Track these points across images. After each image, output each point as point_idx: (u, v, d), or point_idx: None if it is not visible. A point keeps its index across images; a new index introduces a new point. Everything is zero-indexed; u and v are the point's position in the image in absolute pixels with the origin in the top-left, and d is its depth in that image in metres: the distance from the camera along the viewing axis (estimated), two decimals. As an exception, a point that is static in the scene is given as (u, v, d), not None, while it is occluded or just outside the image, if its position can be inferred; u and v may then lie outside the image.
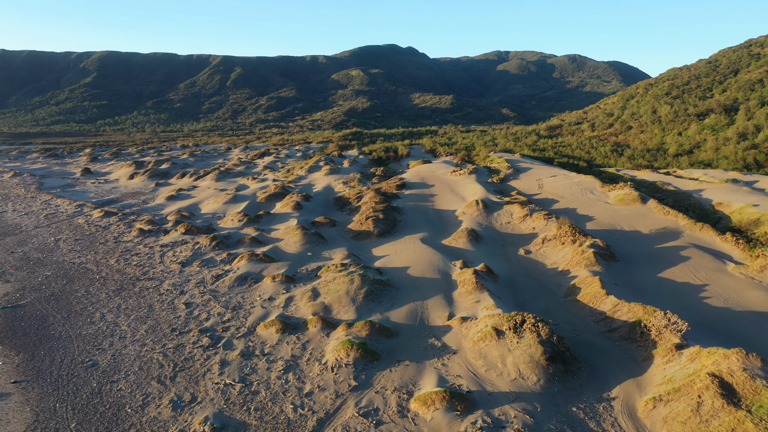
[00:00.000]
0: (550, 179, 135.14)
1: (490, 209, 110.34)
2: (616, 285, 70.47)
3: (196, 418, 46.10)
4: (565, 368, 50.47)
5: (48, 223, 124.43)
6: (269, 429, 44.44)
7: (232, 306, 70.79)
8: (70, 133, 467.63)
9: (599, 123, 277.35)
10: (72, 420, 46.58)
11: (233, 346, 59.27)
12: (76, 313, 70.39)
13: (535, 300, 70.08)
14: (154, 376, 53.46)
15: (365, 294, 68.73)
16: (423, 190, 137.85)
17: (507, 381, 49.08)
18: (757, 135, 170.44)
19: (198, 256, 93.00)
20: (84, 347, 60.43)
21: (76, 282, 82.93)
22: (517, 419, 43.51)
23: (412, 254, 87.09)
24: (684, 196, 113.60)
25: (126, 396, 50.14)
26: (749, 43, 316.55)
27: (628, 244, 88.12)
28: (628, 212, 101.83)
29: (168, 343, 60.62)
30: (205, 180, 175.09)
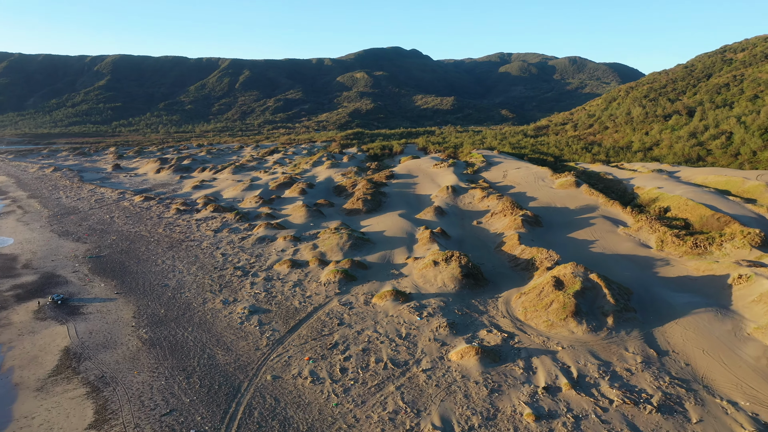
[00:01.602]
0: (514, 170, 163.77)
1: (458, 192, 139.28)
2: (532, 240, 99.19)
3: (238, 307, 75.26)
4: (476, 282, 79.30)
5: (99, 206, 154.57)
6: (283, 312, 73.57)
7: (256, 254, 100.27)
8: (88, 134, 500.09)
9: (581, 124, 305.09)
10: (160, 309, 75.98)
11: (258, 275, 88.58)
12: (143, 260, 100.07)
13: (474, 250, 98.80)
14: (208, 290, 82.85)
15: (350, 245, 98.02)
16: (408, 179, 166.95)
17: (435, 288, 78.10)
18: (704, 133, 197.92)
19: (226, 225, 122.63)
20: (156, 277, 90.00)
21: (136, 243, 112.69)
22: (435, 303, 72.54)
23: (390, 223, 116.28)
24: (616, 182, 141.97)
25: (191, 299, 79.52)
26: (724, 48, 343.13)
27: (555, 215, 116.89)
28: (564, 194, 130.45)
29: (213, 274, 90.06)
30: (223, 173, 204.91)
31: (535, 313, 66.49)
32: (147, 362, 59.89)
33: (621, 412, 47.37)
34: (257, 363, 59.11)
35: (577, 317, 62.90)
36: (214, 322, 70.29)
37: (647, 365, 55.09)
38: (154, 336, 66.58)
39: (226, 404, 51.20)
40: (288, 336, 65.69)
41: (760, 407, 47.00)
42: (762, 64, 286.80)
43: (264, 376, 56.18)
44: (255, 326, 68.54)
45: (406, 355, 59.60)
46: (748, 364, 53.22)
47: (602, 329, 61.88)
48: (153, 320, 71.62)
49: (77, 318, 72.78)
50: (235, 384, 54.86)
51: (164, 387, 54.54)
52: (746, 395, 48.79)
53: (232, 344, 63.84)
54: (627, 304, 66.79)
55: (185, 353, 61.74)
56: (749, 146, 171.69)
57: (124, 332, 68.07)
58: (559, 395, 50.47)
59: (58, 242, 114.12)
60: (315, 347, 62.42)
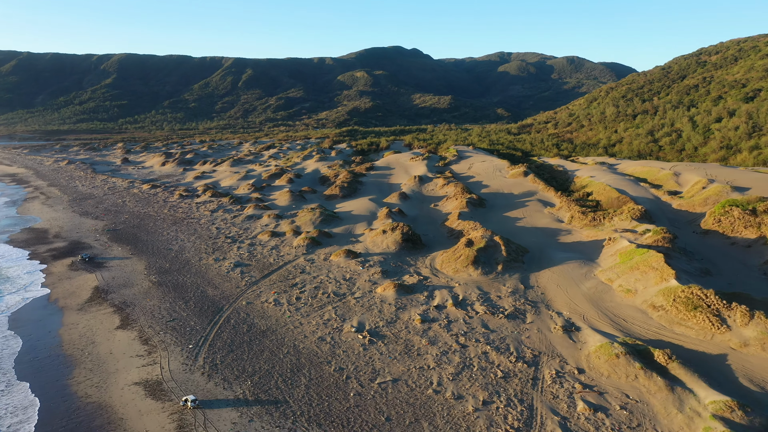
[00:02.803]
0: (479, 163, 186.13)
1: (423, 181, 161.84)
2: (471, 217, 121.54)
3: (225, 263, 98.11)
4: (413, 246, 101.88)
5: (111, 192, 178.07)
6: (260, 265, 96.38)
7: (244, 228, 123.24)
8: (95, 131, 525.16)
9: (561, 122, 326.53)
10: (166, 263, 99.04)
11: (244, 242, 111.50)
12: (152, 232, 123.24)
13: (424, 225, 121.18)
14: (203, 252, 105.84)
15: (321, 220, 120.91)
16: (385, 171, 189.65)
17: (380, 249, 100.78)
18: (660, 131, 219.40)
19: (221, 207, 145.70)
20: (162, 244, 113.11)
21: (146, 220, 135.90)
22: (377, 259, 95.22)
23: (359, 205, 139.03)
24: (563, 173, 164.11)
25: (190, 258, 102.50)
26: (700, 51, 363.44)
27: (500, 199, 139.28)
28: (513, 182, 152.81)
29: (208, 242, 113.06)
30: (222, 166, 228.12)
31: (448, 264, 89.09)
32: (156, 294, 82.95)
33: (481, 318, 69.97)
34: (236, 295, 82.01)
35: (475, 265, 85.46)
36: (206, 272, 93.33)
37: (513, 293, 77.65)
38: (161, 280, 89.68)
39: (211, 316, 74.11)
40: (261, 280, 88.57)
41: (575, 315, 69.41)
42: (731, 67, 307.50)
43: (240, 302, 79.07)
44: (237, 274, 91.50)
45: (345, 290, 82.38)
46: (582, 292, 75.64)
47: (492, 273, 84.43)
48: (160, 271, 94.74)
49: (102, 269, 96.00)
50: (219, 306, 77.76)
51: (169, 307, 77.52)
52: (570, 309, 71.25)
53: (219, 284, 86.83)
54: (518, 257, 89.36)
55: (184, 289, 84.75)
56: (692, 143, 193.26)
57: (138, 278, 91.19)
58: (444, 310, 73.08)
59: (80, 220, 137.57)
60: (280, 286, 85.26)
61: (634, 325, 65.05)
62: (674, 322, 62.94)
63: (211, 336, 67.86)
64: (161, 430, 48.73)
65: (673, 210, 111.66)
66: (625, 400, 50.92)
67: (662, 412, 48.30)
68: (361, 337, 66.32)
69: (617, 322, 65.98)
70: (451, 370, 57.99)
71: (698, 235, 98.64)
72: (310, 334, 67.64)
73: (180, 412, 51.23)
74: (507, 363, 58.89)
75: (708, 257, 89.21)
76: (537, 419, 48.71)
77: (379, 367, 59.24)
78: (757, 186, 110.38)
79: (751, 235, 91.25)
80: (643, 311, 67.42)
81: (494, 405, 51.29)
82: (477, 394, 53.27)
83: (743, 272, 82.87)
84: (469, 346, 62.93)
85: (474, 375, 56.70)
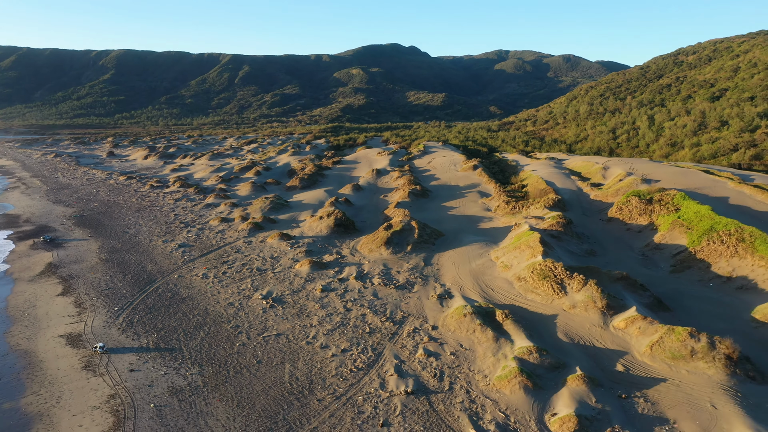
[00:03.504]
0: (440, 158, 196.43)
1: (381, 174, 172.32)
2: (409, 206, 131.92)
3: (171, 244, 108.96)
4: (345, 230, 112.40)
5: (89, 183, 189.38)
6: (201, 246, 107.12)
7: (199, 215, 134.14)
8: (91, 125, 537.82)
9: (540, 120, 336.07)
10: (118, 244, 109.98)
11: (195, 227, 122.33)
12: (115, 218, 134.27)
13: (368, 213, 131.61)
14: (155, 234, 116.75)
15: (270, 208, 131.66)
16: (351, 165, 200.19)
17: (313, 233, 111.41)
18: (621, 128, 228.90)
19: (185, 196, 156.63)
20: (120, 228, 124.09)
21: (113, 208, 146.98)
22: (307, 241, 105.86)
23: (313, 195, 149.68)
24: (514, 167, 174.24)
25: (141, 240, 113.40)
26: (678, 51, 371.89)
27: (445, 190, 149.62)
28: (462, 175, 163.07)
29: (163, 226, 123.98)
30: (201, 159, 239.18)
31: (366, 245, 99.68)
32: (101, 269, 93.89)
33: (374, 289, 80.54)
34: (172, 270, 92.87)
35: (387, 245, 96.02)
36: (152, 251, 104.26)
37: (412, 269, 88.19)
38: (109, 257, 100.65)
39: (143, 286, 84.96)
40: (198, 258, 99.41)
41: (454, 286, 79.85)
42: (704, 67, 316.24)
43: (172, 276, 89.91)
44: (179, 253, 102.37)
45: (268, 266, 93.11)
46: (470, 268, 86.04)
47: (401, 252, 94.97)
48: (111, 250, 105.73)
49: (59, 249, 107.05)
50: (153, 279, 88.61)
51: (108, 280, 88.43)
52: (453, 282, 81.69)
53: (159, 261, 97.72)
54: (430, 239, 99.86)
55: (126, 265, 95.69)
56: (645, 140, 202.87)
57: (89, 256, 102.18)
58: (345, 282, 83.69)
59: (52, 207, 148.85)
60: (213, 263, 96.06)
61: (497, 293, 75.49)
62: (528, 290, 73.33)
63: (137, 301, 78.69)
64: (70, 368, 59.53)
65: (589, 200, 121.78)
66: (457, 348, 61.42)
67: (481, 356, 58.79)
68: (264, 302, 77.03)
69: (485, 291, 76.43)
70: (328, 327, 68.60)
71: (603, 222, 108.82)
72: (223, 301, 78.41)
73: (90, 356, 62.03)
74: (378, 322, 69.46)
75: (602, 241, 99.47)
76: (380, 362, 59.27)
77: (270, 325, 69.91)
78: (666, 178, 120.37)
79: (643, 221, 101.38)
80: (510, 282, 77.84)
81: (351, 352, 61.85)
82: (341, 344, 63.85)
83: (626, 253, 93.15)
84: (353, 310, 73.52)
85: (345, 331, 67.28)
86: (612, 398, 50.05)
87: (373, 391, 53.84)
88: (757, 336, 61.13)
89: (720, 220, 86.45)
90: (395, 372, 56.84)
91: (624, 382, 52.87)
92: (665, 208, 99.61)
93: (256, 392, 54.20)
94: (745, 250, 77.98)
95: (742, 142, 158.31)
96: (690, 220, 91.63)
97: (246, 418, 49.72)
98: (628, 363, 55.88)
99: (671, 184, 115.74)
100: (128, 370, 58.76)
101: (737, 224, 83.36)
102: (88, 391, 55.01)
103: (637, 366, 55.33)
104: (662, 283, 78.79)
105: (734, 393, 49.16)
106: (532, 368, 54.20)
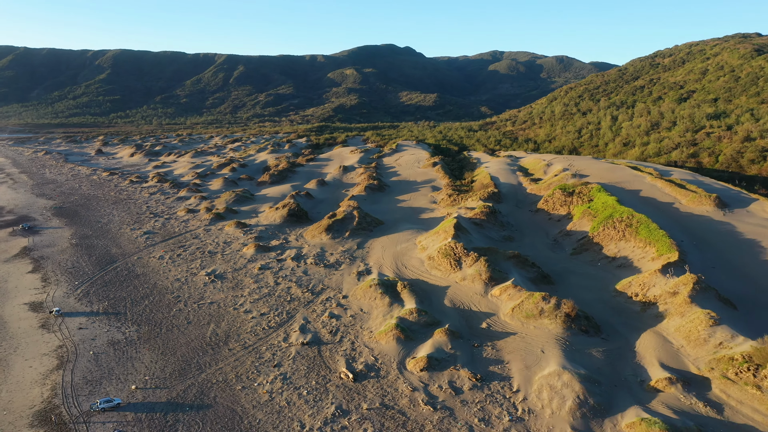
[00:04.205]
0: (407, 156, 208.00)
1: (347, 170, 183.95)
2: (365, 200, 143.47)
3: (138, 231, 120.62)
4: (297, 220, 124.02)
5: (73, 178, 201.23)
6: (164, 233, 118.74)
7: (169, 206, 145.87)
8: (86, 125, 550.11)
9: (519, 120, 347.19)
10: (89, 231, 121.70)
11: (164, 218, 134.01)
12: (91, 210, 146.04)
13: (326, 206, 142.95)
14: (125, 223, 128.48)
15: (234, 200, 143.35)
16: (323, 162, 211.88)
17: (268, 222, 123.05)
18: (586, 128, 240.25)
19: (160, 190, 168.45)
20: (95, 218, 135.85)
21: (91, 201, 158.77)
22: (260, 229, 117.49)
23: (278, 190, 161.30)
24: (473, 164, 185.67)
25: (111, 228, 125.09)
26: (656, 53, 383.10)
27: (402, 185, 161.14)
28: (422, 171, 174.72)
29: (134, 216, 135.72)
30: (185, 157, 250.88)
31: (310, 232, 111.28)
32: (69, 252, 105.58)
33: (306, 268, 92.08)
34: (132, 252, 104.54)
35: (328, 231, 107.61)
36: (119, 237, 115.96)
37: (344, 252, 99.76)
38: (79, 243, 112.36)
39: (104, 266, 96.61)
40: (160, 243, 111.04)
41: (376, 265, 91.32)
42: (676, 69, 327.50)
43: (132, 257, 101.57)
44: (143, 239, 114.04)
45: (219, 250, 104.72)
46: (394, 251, 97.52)
47: (339, 237, 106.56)
48: (82, 236, 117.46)
49: (35, 235, 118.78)
50: (115, 260, 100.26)
51: (75, 261, 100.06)
52: (375, 262, 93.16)
53: (123, 246, 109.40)
54: (368, 226, 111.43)
55: (93, 249, 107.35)
56: (604, 140, 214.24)
57: (61, 241, 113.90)
58: (283, 262, 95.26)
59: (35, 200, 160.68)
60: (171, 247, 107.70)
61: (409, 270, 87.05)
62: (434, 267, 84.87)
63: (96, 278, 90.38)
64: (29, 327, 71.16)
65: (525, 193, 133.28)
66: (357, 312, 73.01)
67: (374, 317, 70.32)
68: (207, 278, 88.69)
69: (400, 269, 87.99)
70: (256, 297, 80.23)
71: (531, 213, 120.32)
72: (171, 277, 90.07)
73: (47, 318, 73.67)
74: (299, 293, 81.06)
75: (525, 228, 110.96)
76: (290, 322, 70.83)
77: (207, 295, 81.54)
78: (595, 174, 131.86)
79: (563, 212, 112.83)
80: (422, 261, 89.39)
81: (268, 315, 73.45)
82: (262, 309, 75.46)
83: (541, 239, 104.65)
84: (281, 284, 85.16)
85: (270, 300, 78.89)
86: (466, 347, 61.53)
87: (277, 343, 65.39)
88: (613, 303, 72.63)
89: (618, 209, 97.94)
90: (299, 330, 68.36)
91: (483, 336, 64.36)
92: (581, 199, 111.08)
93: (180, 344, 65.77)
94: (630, 234, 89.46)
95: (684, 141, 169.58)
96: (597, 210, 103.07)
97: (166, 362, 61.31)
98: (492, 322, 67.36)
99: (598, 178, 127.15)
100: (77, 329, 70.35)
101: (630, 212, 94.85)
102: (41, 343, 66.61)
103: (498, 324, 66.83)
104: (559, 262, 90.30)
105: (564, 342, 60.62)
106: (408, 325, 65.69)
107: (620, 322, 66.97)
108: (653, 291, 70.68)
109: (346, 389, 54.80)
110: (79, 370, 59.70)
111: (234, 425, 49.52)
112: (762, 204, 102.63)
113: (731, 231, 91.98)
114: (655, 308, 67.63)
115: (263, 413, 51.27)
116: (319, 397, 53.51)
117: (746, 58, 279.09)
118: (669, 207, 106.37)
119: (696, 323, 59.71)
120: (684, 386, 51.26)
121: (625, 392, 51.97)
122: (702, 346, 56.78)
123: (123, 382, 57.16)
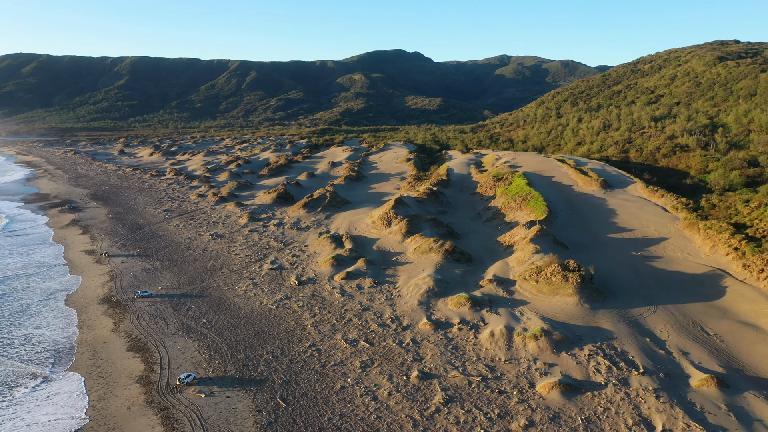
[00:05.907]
0: (391, 153, 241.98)
1: (335, 165, 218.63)
2: (342, 187, 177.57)
3: (159, 210, 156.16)
4: (284, 201, 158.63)
5: (102, 173, 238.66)
6: (180, 210, 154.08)
7: (184, 193, 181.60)
8: (106, 128, 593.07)
9: (506, 122, 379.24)
10: (120, 210, 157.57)
11: (179, 201, 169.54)
12: (121, 196, 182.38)
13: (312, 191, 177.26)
14: (148, 205, 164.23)
15: (236, 187, 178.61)
16: (317, 159, 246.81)
17: (261, 203, 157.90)
18: (555, 130, 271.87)
19: (176, 182, 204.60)
20: (123, 201, 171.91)
21: (119, 189, 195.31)
22: (254, 208, 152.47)
23: (275, 181, 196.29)
24: (444, 160, 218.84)
25: (139, 208, 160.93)
26: (638, 60, 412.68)
27: (378, 177, 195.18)
28: (398, 166, 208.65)
29: (155, 200, 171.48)
30: (197, 156, 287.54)
31: (292, 209, 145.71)
32: (108, 222, 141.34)
33: (283, 230, 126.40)
34: (155, 223, 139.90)
35: (305, 207, 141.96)
36: (144, 213, 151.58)
37: (314, 222, 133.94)
38: (114, 217, 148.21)
39: (135, 231, 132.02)
40: (176, 217, 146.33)
41: (334, 228, 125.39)
42: (652, 75, 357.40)
43: (155, 226, 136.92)
44: (163, 214, 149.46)
45: (221, 221, 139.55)
46: (351, 220, 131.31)
47: (313, 212, 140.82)
48: (115, 213, 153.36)
49: (80, 212, 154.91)
50: (141, 227, 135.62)
51: (113, 227, 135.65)
52: (335, 227, 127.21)
53: (148, 218, 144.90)
54: (337, 204, 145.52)
55: (125, 221, 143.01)
56: (565, 139, 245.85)
57: (100, 215, 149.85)
58: (267, 228, 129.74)
59: (73, 189, 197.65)
60: (184, 220, 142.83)
61: (356, 231, 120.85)
62: (373, 227, 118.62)
63: (130, 237, 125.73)
64: (88, 262, 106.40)
65: (471, 181, 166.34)
66: (312, 253, 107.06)
67: (322, 256, 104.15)
68: (210, 237, 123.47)
69: (350, 230, 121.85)
70: (244, 247, 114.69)
71: (470, 195, 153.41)
72: (184, 237, 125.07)
73: (99, 258, 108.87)
74: (275, 244, 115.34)
75: (460, 206, 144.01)
76: (265, 260, 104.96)
77: (210, 247, 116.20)
78: (528, 165, 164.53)
79: (491, 193, 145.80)
80: (368, 225, 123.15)
81: (251, 256, 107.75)
82: (247, 253, 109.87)
83: (467, 213, 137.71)
84: (263, 240, 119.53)
85: (254, 249, 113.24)
86: (376, 268, 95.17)
87: (255, 270, 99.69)
88: (491, 248, 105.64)
89: (524, 189, 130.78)
90: (270, 264, 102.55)
91: (391, 264, 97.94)
92: (504, 183, 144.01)
93: (189, 270, 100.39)
94: (524, 205, 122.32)
95: (621, 140, 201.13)
96: (511, 190, 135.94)
97: (179, 278, 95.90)
98: (400, 257, 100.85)
99: (528, 168, 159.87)
100: (121, 263, 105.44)
101: (530, 190, 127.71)
102: (98, 269, 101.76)
103: (403, 258, 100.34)
104: (471, 226, 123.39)
105: (439, 265, 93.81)
106: (342, 258, 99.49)
107: (488, 257, 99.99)
108: (515, 238, 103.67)
109: (292, 288, 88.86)
110: (124, 281, 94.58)
111: (220, 304, 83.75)
112: (636, 186, 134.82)
113: (600, 203, 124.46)
114: (512, 248, 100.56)
115: (239, 299, 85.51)
116: (274, 292, 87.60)
117: (709, 65, 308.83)
118: (568, 188, 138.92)
119: (526, 252, 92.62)
120: (498, 284, 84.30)
121: (462, 288, 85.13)
122: (522, 264, 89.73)
123: (152, 286, 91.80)
